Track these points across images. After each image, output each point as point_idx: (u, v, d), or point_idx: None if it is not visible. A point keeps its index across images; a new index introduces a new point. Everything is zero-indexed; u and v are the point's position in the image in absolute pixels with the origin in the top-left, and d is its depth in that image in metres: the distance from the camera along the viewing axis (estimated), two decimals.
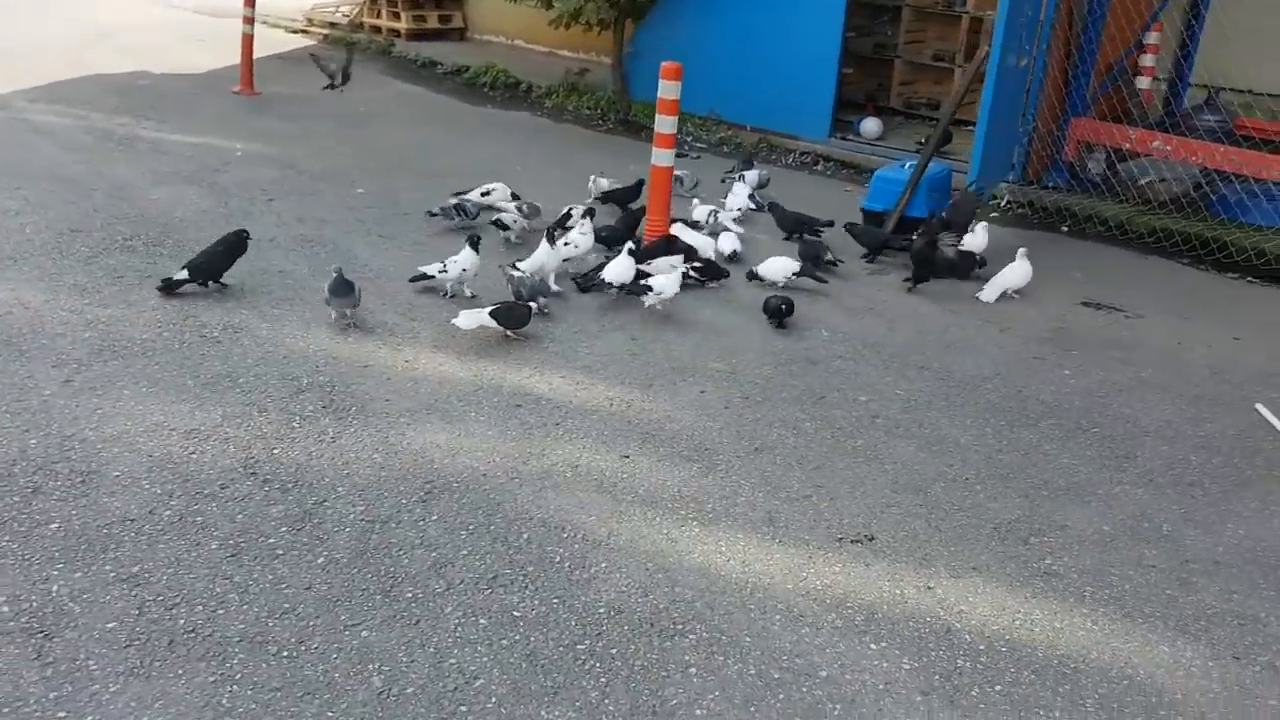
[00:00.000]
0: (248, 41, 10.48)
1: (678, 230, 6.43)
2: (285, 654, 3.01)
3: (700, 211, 7.01)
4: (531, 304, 5.31)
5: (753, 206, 7.46)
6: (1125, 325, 5.93)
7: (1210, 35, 8.36)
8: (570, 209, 6.60)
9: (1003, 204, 8.12)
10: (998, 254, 6.44)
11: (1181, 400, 4.97)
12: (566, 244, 5.99)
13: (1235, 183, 7.40)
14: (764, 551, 3.62)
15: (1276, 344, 5.71)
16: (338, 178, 7.91)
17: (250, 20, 10.41)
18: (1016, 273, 6.12)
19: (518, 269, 5.63)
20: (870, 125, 9.58)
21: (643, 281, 5.63)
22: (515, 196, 7.01)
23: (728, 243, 6.50)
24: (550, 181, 7.94)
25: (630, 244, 5.94)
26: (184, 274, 5.43)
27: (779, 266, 6.04)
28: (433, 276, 5.64)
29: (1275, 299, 6.53)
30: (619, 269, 5.70)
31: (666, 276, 5.62)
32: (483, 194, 7.01)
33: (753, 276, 6.12)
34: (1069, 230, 7.74)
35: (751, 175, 7.88)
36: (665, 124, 6.24)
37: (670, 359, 5.18)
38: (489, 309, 5.16)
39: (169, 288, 5.41)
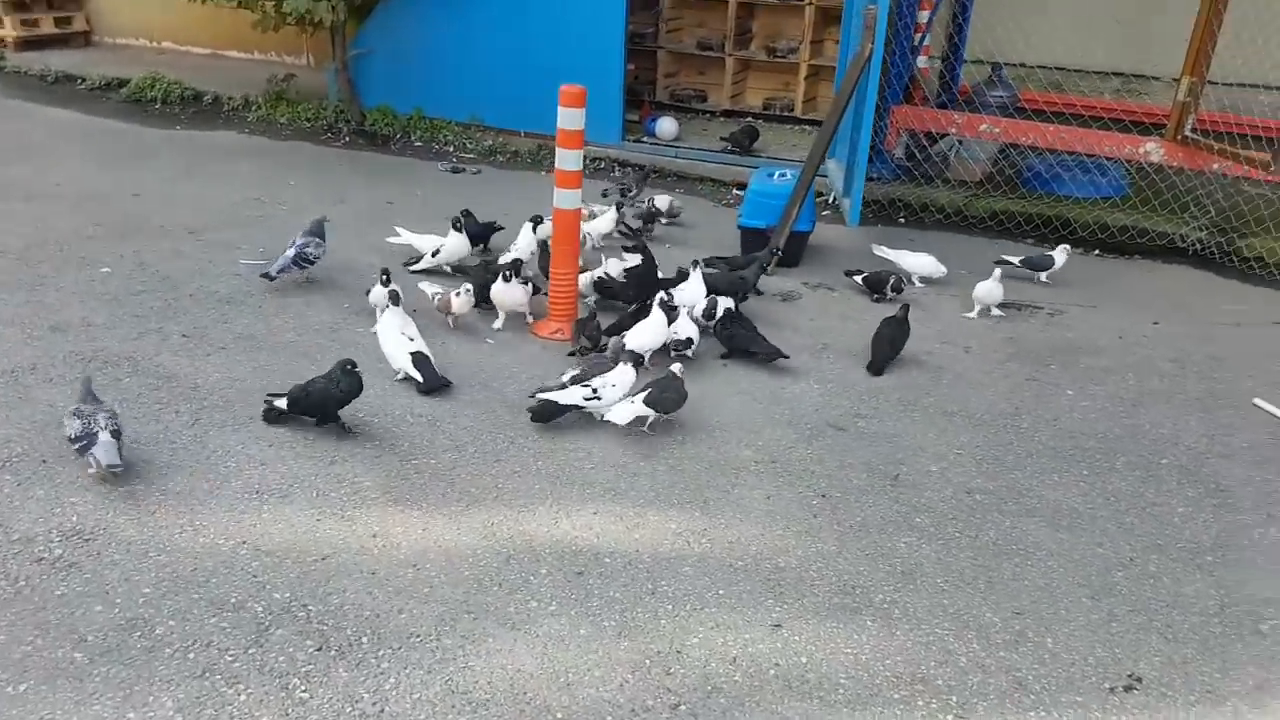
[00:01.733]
0: None
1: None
2: None
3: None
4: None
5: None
6: (1060, 325, 5.73)
7: (979, 11, 8.53)
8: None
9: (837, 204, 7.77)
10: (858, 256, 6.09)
11: (1193, 408, 4.80)
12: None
13: (1049, 157, 7.60)
14: None
15: (1193, 324, 5.79)
16: (59, 258, 5.73)
17: None
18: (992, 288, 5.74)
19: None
20: (666, 125, 8.78)
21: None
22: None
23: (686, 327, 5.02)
24: (345, 223, 6.28)
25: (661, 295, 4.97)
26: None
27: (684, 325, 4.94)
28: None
29: (1133, 271, 6.72)
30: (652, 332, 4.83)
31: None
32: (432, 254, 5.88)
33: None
34: (906, 222, 7.55)
35: (663, 201, 6.88)
36: (568, 159, 5.00)
37: (690, 456, 4.13)
38: (641, 396, 4.22)
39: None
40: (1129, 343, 5.53)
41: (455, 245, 5.83)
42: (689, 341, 4.89)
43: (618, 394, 4.28)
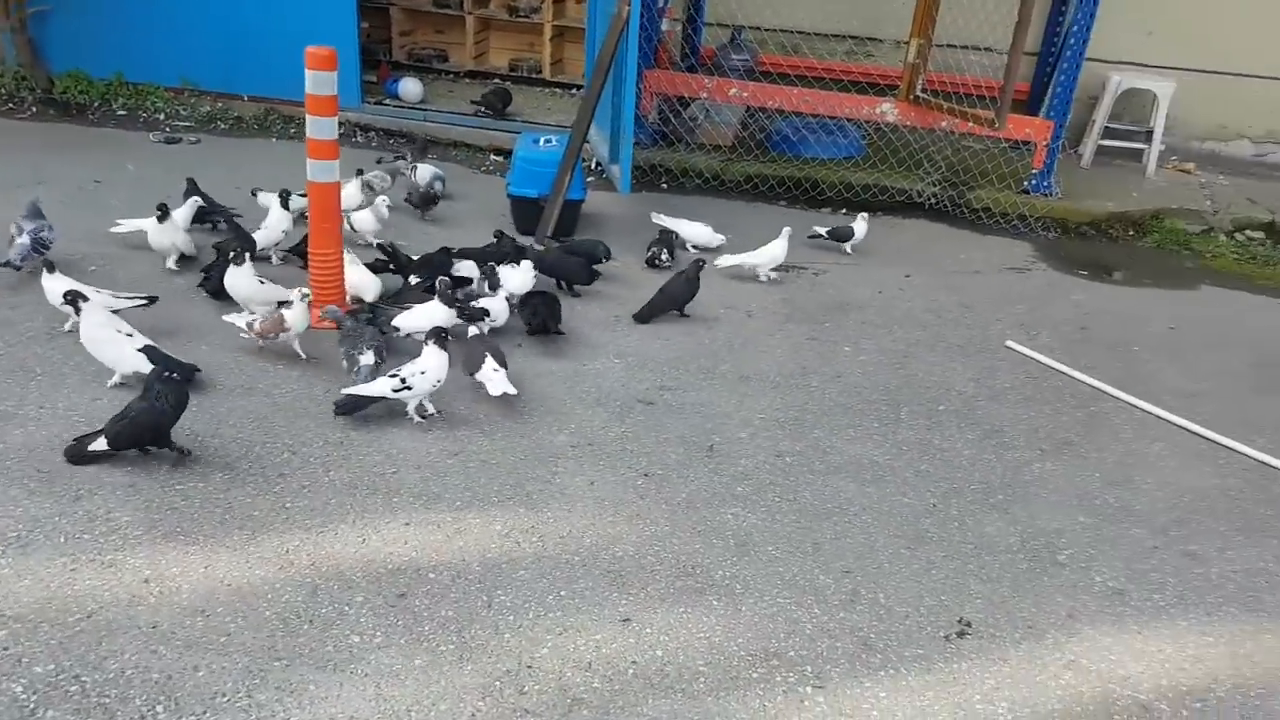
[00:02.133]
0: None
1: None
2: None
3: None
4: None
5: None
6: (825, 284, 5.94)
7: None
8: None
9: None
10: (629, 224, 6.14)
11: (955, 354, 5.11)
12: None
13: (794, 120, 7.87)
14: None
15: (939, 274, 6.19)
16: None
17: None
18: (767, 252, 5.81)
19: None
20: (410, 87, 8.24)
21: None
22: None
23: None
24: (49, 208, 5.40)
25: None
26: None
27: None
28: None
29: (879, 227, 7.00)
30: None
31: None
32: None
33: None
34: (668, 187, 7.57)
35: (425, 171, 6.37)
36: (322, 127, 4.51)
37: (502, 448, 3.88)
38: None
39: None
40: (889, 297, 5.83)
41: (276, 221, 5.35)
42: (485, 312, 4.61)
43: (430, 381, 3.95)
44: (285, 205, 5.38)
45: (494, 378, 4.11)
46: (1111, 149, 8.26)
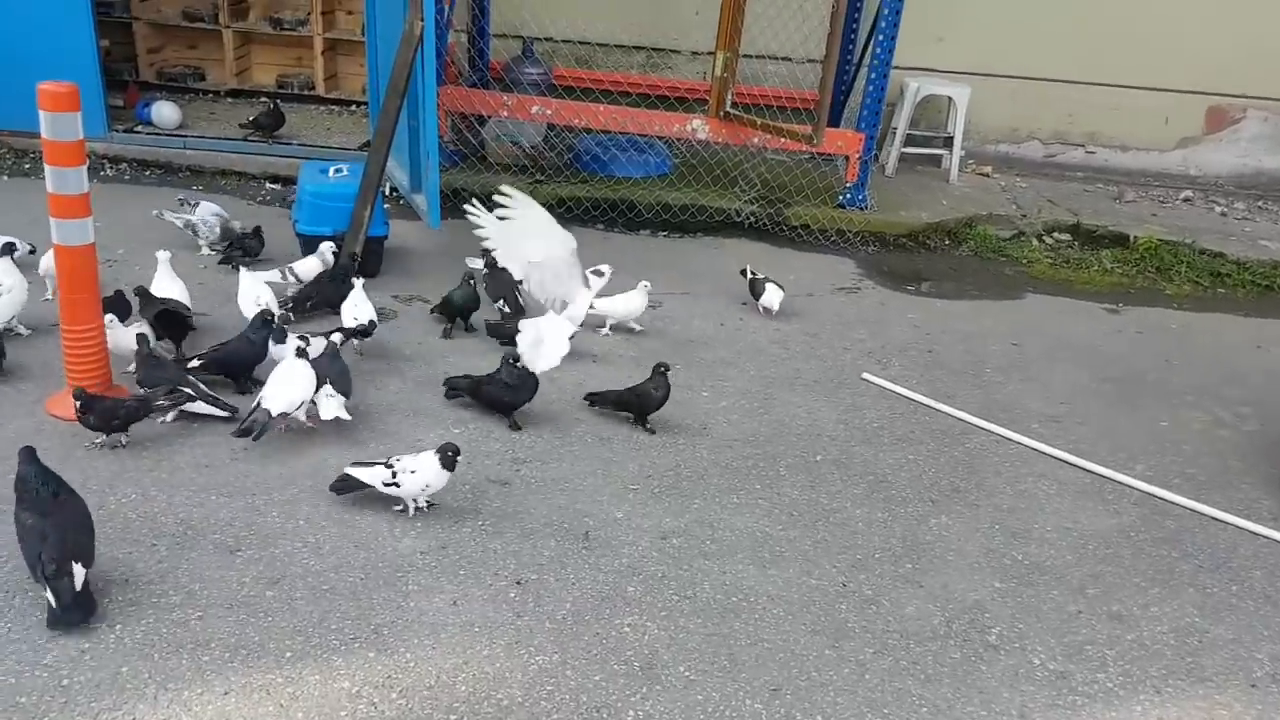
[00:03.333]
0: None
1: None
2: None
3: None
4: None
5: None
6: (662, 318, 5.42)
7: None
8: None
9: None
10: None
11: (816, 392, 4.76)
12: None
13: (601, 137, 7.37)
14: None
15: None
16: None
17: None
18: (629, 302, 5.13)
19: None
20: (166, 111, 7.04)
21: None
22: None
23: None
24: None
25: None
26: None
27: None
28: None
29: (702, 249, 6.68)
30: None
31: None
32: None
33: None
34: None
35: (208, 212, 5.41)
36: (66, 180, 3.54)
37: (332, 566, 3.11)
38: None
39: None
40: (730, 329, 5.42)
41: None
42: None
43: (419, 482, 3.34)
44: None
45: (326, 402, 3.75)
46: (913, 156, 8.31)
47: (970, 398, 4.82)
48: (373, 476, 3.38)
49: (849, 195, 7.17)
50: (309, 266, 5.03)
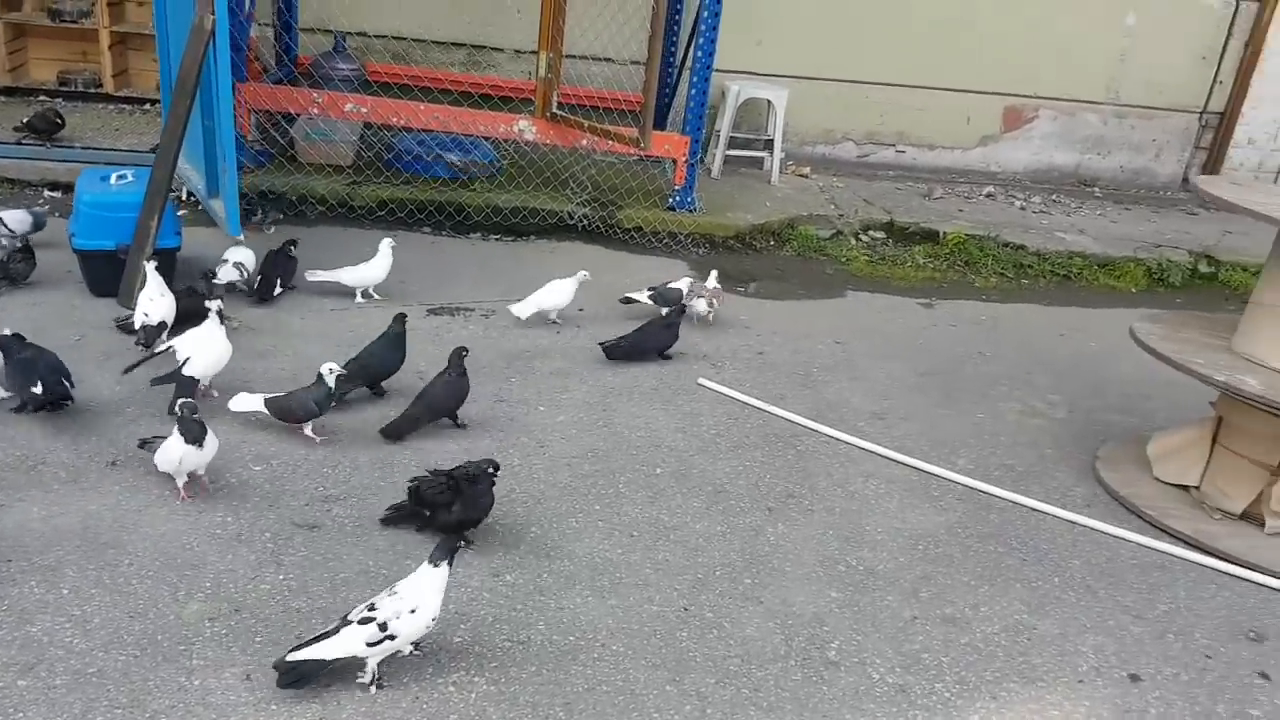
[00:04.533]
0: None
1: None
2: None
3: None
4: None
5: None
6: (496, 326, 5.09)
7: None
8: None
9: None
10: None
11: (654, 400, 4.53)
12: None
13: (422, 136, 6.91)
14: None
15: (606, 304, 5.54)
16: None
17: None
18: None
19: None
20: None
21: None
22: None
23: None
24: None
25: None
26: None
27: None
28: None
29: (535, 252, 6.36)
30: None
31: None
32: None
33: None
34: (285, 217, 6.28)
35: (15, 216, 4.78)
36: None
37: (102, 643, 2.62)
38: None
39: None
40: (567, 336, 5.14)
41: None
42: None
43: (422, 621, 2.58)
44: None
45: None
46: (737, 158, 8.25)
47: (800, 399, 4.72)
48: (347, 645, 2.54)
49: (678, 198, 7.00)
50: None
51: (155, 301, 4.21)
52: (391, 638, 2.54)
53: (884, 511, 3.85)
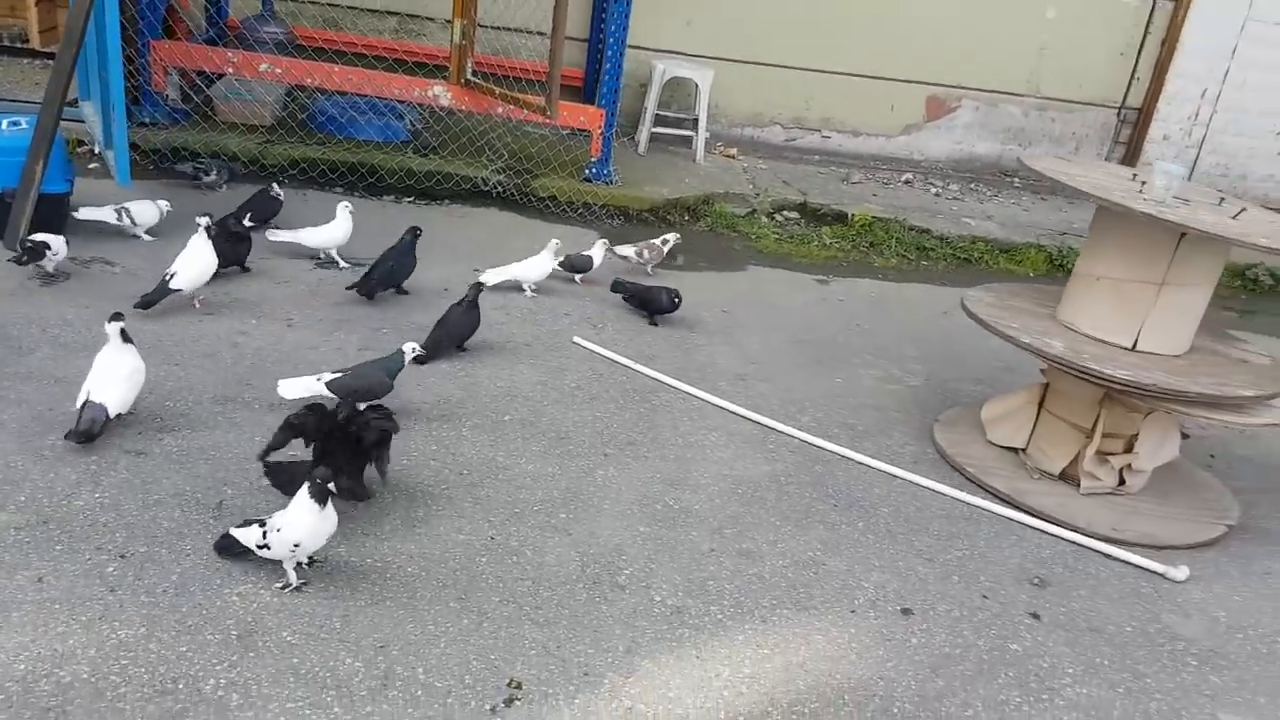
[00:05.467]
0: None
1: None
2: None
3: None
4: None
5: None
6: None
7: None
8: None
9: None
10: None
11: (522, 355, 4.65)
12: None
13: (340, 100, 6.99)
14: None
15: None
16: None
17: None
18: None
19: None
20: None
21: None
22: None
23: None
24: None
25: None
26: None
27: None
28: None
29: (447, 217, 6.44)
30: None
31: None
32: None
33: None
34: (196, 174, 6.33)
35: None
36: None
37: None
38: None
39: None
40: (455, 295, 5.23)
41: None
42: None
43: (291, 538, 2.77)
44: None
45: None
46: (666, 136, 8.35)
47: (671, 359, 4.84)
48: (247, 537, 2.86)
49: (594, 169, 7.11)
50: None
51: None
52: (268, 548, 2.79)
53: (716, 460, 3.99)
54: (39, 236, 4.44)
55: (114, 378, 3.36)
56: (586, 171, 7.12)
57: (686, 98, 8.49)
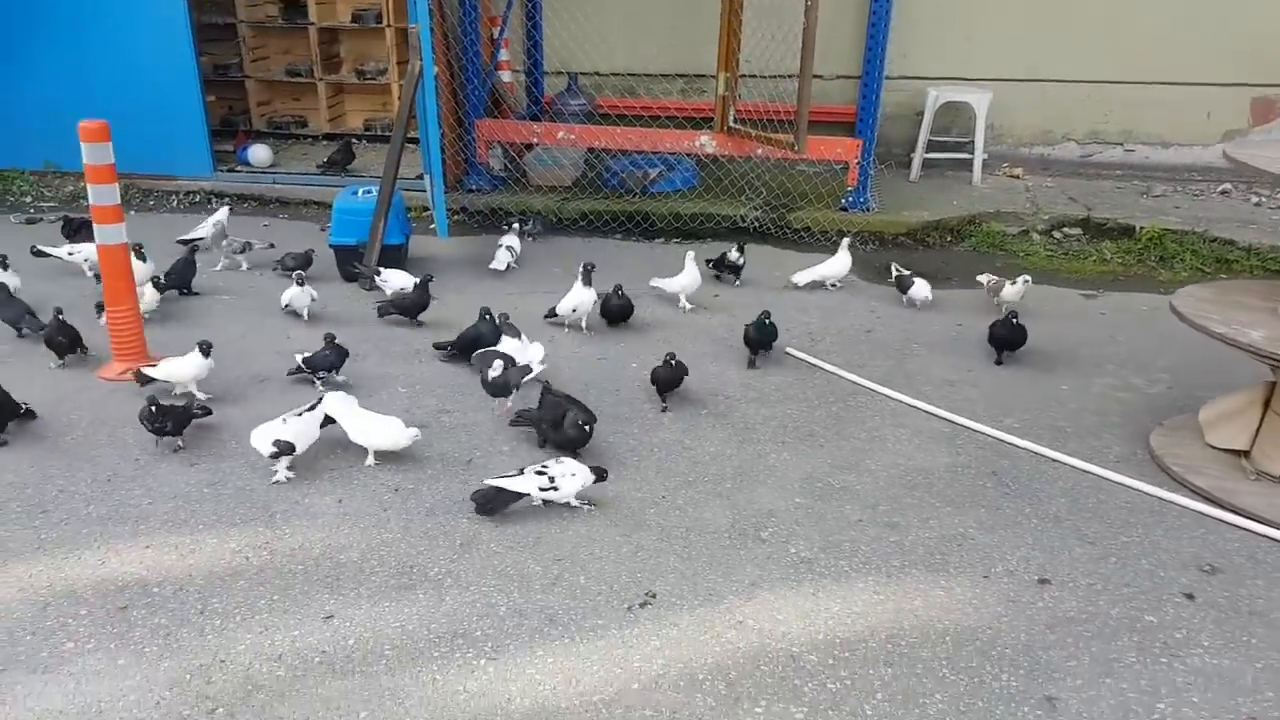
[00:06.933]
0: None
1: None
2: None
3: None
4: None
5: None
6: (639, 303, 6.31)
7: (550, 26, 9.18)
8: None
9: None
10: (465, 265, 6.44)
11: (737, 360, 5.49)
12: None
13: (635, 158, 8.33)
14: None
15: (746, 294, 6.56)
16: None
17: None
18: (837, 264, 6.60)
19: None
20: (259, 152, 8.66)
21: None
22: None
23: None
24: None
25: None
26: None
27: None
28: None
29: (706, 251, 7.48)
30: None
31: None
32: None
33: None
34: (507, 229, 7.93)
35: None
36: (103, 195, 4.91)
37: (263, 475, 4.17)
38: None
39: None
40: (693, 314, 6.20)
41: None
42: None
43: (576, 484, 3.98)
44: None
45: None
46: (942, 161, 8.78)
47: (877, 367, 5.39)
48: (526, 484, 3.87)
49: (850, 199, 7.79)
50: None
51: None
52: (555, 489, 3.89)
53: (893, 452, 4.50)
54: (384, 272, 6.06)
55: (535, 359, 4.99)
56: (843, 201, 7.81)
57: (968, 122, 8.85)
